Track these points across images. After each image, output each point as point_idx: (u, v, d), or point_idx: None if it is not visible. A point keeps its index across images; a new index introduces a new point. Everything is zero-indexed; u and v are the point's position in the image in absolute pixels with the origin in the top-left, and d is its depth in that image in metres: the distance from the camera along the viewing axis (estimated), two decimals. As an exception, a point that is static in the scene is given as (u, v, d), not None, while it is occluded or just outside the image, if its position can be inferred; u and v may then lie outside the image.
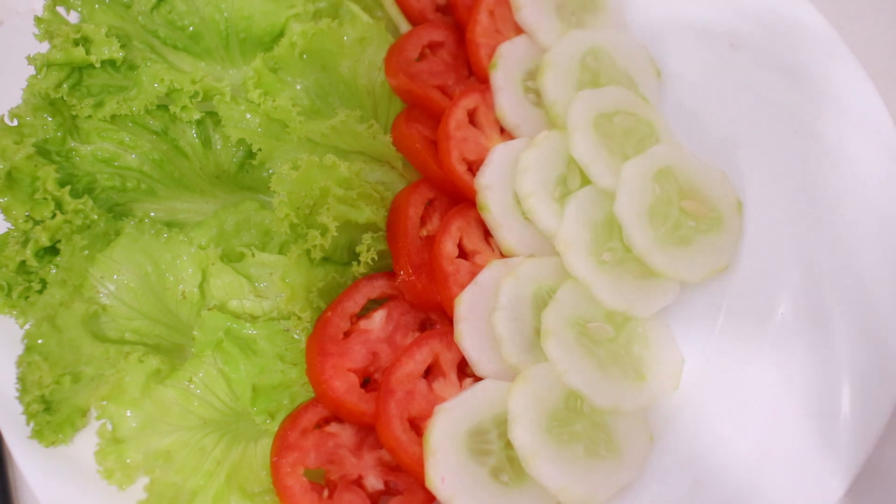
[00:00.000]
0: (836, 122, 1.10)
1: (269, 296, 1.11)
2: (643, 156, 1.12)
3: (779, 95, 1.15)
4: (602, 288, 1.06)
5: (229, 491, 1.03)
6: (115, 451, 1.01)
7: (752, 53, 1.18)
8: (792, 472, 0.96)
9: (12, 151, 1.07)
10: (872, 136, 1.07)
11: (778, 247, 1.10)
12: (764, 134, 1.16)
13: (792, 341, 1.03)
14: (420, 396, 1.02)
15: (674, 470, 1.01)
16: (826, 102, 1.11)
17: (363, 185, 1.12)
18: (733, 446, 1.00)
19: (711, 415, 1.04)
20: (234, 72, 1.23)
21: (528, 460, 0.95)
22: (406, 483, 1.02)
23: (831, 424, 0.96)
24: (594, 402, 1.01)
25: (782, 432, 0.99)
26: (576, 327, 1.04)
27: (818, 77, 1.12)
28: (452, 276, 1.08)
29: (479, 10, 1.26)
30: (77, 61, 1.10)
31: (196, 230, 1.15)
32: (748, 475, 0.98)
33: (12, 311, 1.07)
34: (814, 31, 1.14)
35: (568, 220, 1.09)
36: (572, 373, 1.00)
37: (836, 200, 1.08)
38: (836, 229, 1.06)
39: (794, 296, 1.06)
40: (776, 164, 1.14)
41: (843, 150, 1.08)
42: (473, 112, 1.20)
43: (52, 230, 1.06)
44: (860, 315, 1.01)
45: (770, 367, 1.03)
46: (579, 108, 1.15)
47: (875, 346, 0.98)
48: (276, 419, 1.05)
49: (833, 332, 1.01)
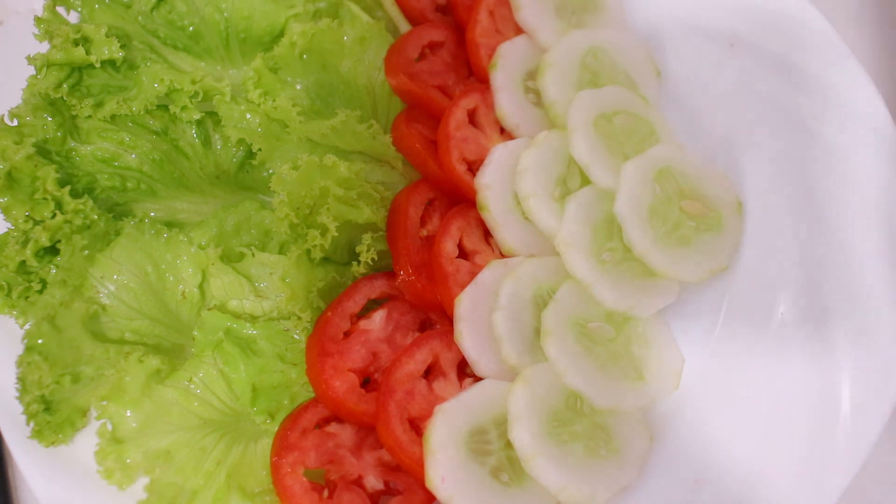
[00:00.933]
0: (836, 122, 1.10)
1: (269, 296, 1.11)
2: (643, 156, 1.12)
3: (779, 95, 1.15)
4: (602, 288, 1.06)
5: (229, 491, 1.03)
6: (115, 451, 1.01)
7: (751, 53, 1.18)
8: (792, 472, 0.96)
9: (12, 151, 1.07)
10: (872, 136, 1.07)
11: (778, 247, 1.10)
12: (764, 134, 1.15)
13: (792, 341, 1.03)
14: (420, 396, 1.02)
15: (674, 470, 1.01)
16: (826, 102, 1.11)
17: (363, 185, 1.12)
18: (733, 446, 1.00)
19: (711, 415, 1.04)
20: (234, 72, 1.23)
21: (528, 460, 0.95)
22: (406, 483, 1.02)
23: (831, 424, 0.96)
24: (594, 402, 1.01)
25: (782, 432, 0.98)
26: (576, 327, 1.04)
27: (818, 77, 1.12)
28: (452, 276, 1.08)
29: (479, 10, 1.26)
30: (77, 61, 1.10)
31: (196, 230, 1.15)
32: (748, 475, 0.98)
33: (12, 311, 1.07)
34: (814, 31, 1.14)
35: (568, 220, 1.09)
36: (572, 373, 1.00)
37: (836, 200, 1.07)
38: (835, 229, 1.06)
39: (794, 296, 1.06)
40: (776, 164, 1.14)
41: (843, 150, 1.08)
42: (473, 112, 1.20)
43: (52, 230, 1.06)
44: (860, 315, 1.00)
45: (770, 367, 1.03)
46: (579, 108, 1.15)
47: (875, 346, 0.98)
48: (276, 419, 1.05)
49: (833, 332, 1.01)
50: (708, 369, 1.08)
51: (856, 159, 1.07)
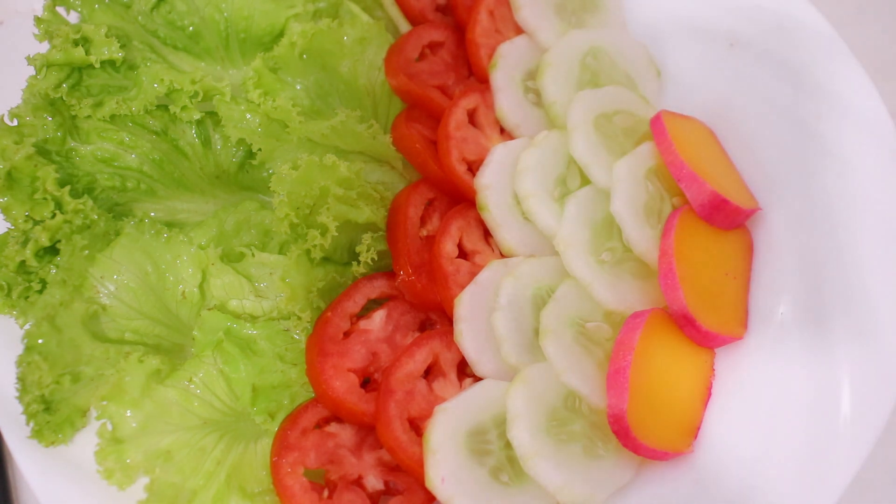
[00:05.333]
0: (836, 122, 1.10)
1: (269, 296, 1.11)
2: (633, 154, 1.12)
3: (779, 95, 1.15)
4: (601, 288, 1.06)
5: (229, 491, 1.03)
6: (115, 451, 1.01)
7: (751, 53, 1.18)
8: (792, 472, 0.95)
9: (12, 151, 1.07)
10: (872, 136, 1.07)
11: (778, 247, 1.10)
12: (764, 134, 1.15)
13: (792, 341, 1.03)
14: (420, 396, 1.02)
15: (674, 470, 1.01)
16: (826, 102, 1.11)
17: (363, 185, 1.12)
18: (733, 446, 1.00)
19: (711, 415, 1.04)
20: (234, 72, 1.23)
21: (527, 460, 0.95)
22: (406, 483, 1.02)
23: (831, 424, 0.96)
24: (591, 402, 1.01)
25: (782, 432, 0.98)
26: (574, 327, 1.04)
27: (818, 77, 1.12)
28: (452, 276, 1.08)
29: (479, 10, 1.26)
30: (77, 61, 1.10)
31: (196, 230, 1.15)
32: (748, 475, 0.98)
33: (12, 311, 1.07)
34: (814, 31, 1.14)
35: (567, 220, 1.09)
36: (570, 372, 1.00)
37: (836, 200, 1.07)
38: (835, 229, 1.06)
39: (794, 296, 1.06)
40: (776, 164, 1.14)
41: (843, 150, 1.08)
42: (473, 112, 1.21)
43: (52, 230, 1.06)
44: (860, 315, 1.00)
45: (770, 367, 1.03)
46: (579, 108, 1.15)
47: (875, 346, 0.98)
48: (276, 419, 1.05)
49: (833, 332, 1.01)
50: (708, 369, 1.08)
51: (855, 159, 1.07)
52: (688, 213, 1.09)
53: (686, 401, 1.03)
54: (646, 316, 1.01)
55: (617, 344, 1.01)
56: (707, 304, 1.04)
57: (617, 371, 0.97)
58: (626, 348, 0.99)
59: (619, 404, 0.96)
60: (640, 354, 0.98)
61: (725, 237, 1.11)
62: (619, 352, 0.99)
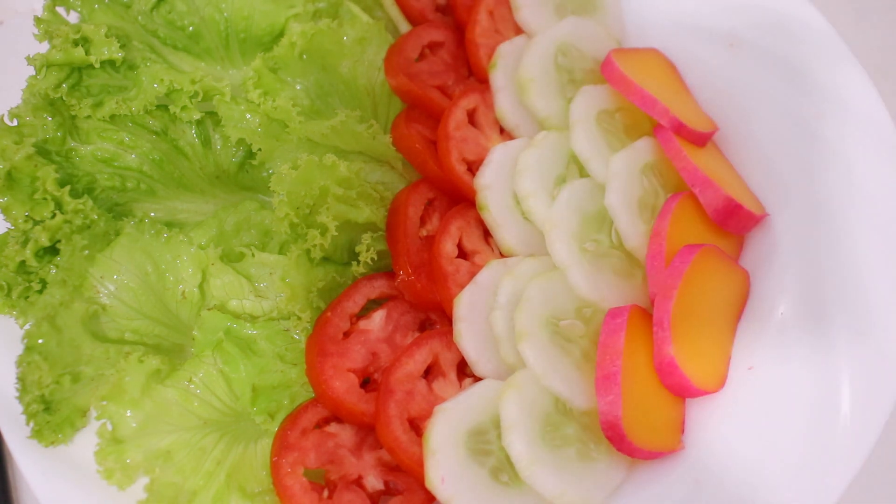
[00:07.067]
0: (836, 122, 1.10)
1: (269, 296, 1.11)
2: (630, 148, 1.12)
3: (779, 95, 1.15)
4: (577, 273, 1.04)
5: (229, 491, 1.03)
6: (115, 451, 1.01)
7: (751, 53, 1.18)
8: (792, 472, 0.95)
9: (12, 151, 1.07)
10: (872, 136, 1.07)
11: (778, 247, 1.10)
12: (763, 134, 1.15)
13: (792, 341, 1.03)
14: (420, 396, 1.02)
15: (673, 470, 1.01)
16: (826, 102, 1.11)
17: (363, 185, 1.12)
18: (733, 446, 1.00)
19: (711, 415, 1.04)
20: (234, 72, 1.23)
21: (523, 469, 0.94)
22: (406, 483, 1.02)
23: (831, 424, 0.96)
24: (573, 404, 0.99)
25: (782, 432, 0.98)
26: (549, 327, 1.03)
27: (818, 77, 1.12)
28: (452, 276, 1.08)
29: (478, 10, 1.26)
30: (77, 61, 1.10)
31: (196, 230, 1.15)
32: (748, 475, 0.97)
33: (12, 311, 1.07)
34: (814, 31, 1.14)
35: (559, 204, 1.08)
36: (551, 376, 0.99)
37: (836, 200, 1.07)
38: (835, 229, 1.06)
39: (794, 296, 1.06)
40: (775, 163, 1.14)
41: (843, 150, 1.08)
42: (473, 112, 1.21)
43: (51, 230, 1.06)
44: (860, 315, 1.00)
45: (770, 367, 1.03)
46: (582, 104, 1.15)
47: (875, 346, 0.98)
48: (276, 419, 1.05)
49: (833, 332, 1.01)
50: (708, 369, 1.08)
51: (855, 159, 1.07)
52: (687, 199, 1.08)
53: (670, 397, 1.02)
54: (626, 315, 0.99)
55: (601, 347, 0.98)
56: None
57: (606, 377, 0.96)
58: (614, 352, 0.96)
59: (613, 411, 0.94)
60: (627, 357, 0.96)
61: (721, 234, 1.11)
62: (605, 356, 0.97)
